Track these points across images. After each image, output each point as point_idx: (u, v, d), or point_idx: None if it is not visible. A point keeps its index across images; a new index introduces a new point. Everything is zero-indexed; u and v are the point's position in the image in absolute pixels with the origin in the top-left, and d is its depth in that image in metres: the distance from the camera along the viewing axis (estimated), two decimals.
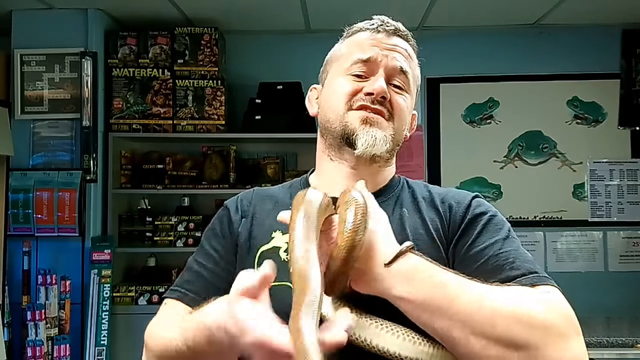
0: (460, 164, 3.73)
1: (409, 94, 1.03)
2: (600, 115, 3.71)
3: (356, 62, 1.00)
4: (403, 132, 1.04)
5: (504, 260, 0.87)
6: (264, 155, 3.60)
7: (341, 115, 0.99)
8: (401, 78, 1.01)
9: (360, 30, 1.06)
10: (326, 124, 1.03)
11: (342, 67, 1.03)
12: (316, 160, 1.09)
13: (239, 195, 1.10)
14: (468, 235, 0.93)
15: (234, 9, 3.33)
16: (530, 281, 0.83)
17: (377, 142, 0.96)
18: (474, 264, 0.88)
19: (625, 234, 3.66)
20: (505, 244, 0.90)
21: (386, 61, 0.99)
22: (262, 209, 1.04)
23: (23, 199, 3.13)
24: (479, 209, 0.97)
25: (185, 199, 3.52)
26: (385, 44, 1.01)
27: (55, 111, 3.25)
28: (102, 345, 3.08)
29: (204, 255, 1.02)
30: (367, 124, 0.97)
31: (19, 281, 3.06)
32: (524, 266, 0.86)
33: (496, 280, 0.83)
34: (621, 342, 2.57)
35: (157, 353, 0.90)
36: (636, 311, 3.38)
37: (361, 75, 1.00)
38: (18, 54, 3.25)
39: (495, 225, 0.94)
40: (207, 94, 3.40)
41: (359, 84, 1.00)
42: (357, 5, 3.21)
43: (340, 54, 1.05)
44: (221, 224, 1.05)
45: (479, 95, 3.75)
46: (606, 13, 3.45)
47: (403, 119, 1.02)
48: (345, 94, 1.00)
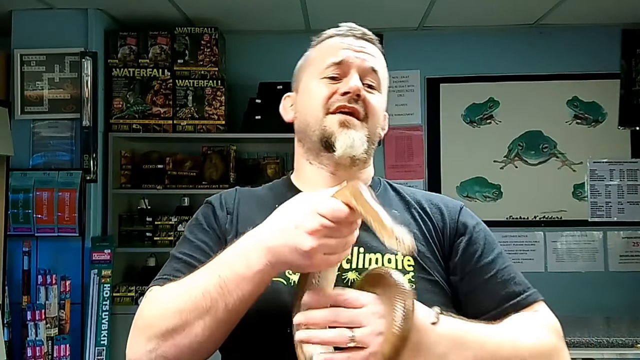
0: (460, 164, 3.73)
1: (381, 93, 1.05)
2: (600, 115, 3.70)
3: (329, 66, 1.03)
4: (377, 130, 1.05)
5: (508, 275, 0.98)
6: (264, 155, 3.60)
7: (320, 119, 1.01)
8: (373, 77, 1.04)
9: (330, 37, 1.08)
10: (305, 129, 1.04)
11: (316, 72, 1.05)
12: (295, 164, 1.11)
13: (221, 193, 1.10)
14: (474, 246, 1.00)
15: (234, 9, 3.33)
16: (532, 298, 0.97)
17: (355, 144, 0.98)
18: (486, 274, 0.98)
19: (625, 234, 3.66)
20: (505, 258, 1.01)
21: (358, 62, 1.02)
22: (246, 207, 1.04)
23: (23, 199, 3.13)
24: (472, 219, 1.04)
25: (185, 199, 3.51)
26: (355, 46, 1.05)
27: (55, 111, 3.25)
28: (102, 345, 3.08)
29: (192, 247, 0.99)
30: (344, 127, 0.99)
31: (19, 281, 3.05)
32: (522, 281, 0.99)
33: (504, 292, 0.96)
34: (621, 342, 2.57)
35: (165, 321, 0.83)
36: (636, 311, 3.38)
37: (335, 77, 1.03)
38: (18, 54, 3.25)
39: (490, 237, 1.03)
40: (207, 94, 3.40)
41: (334, 86, 1.02)
42: (357, 5, 3.21)
43: (313, 60, 1.08)
44: (207, 219, 1.04)
45: (479, 95, 3.75)
46: (606, 13, 3.45)
47: (377, 119, 1.04)
48: (322, 97, 1.02)
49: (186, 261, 0.96)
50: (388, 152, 3.71)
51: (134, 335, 0.87)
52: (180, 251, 1.00)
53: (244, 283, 0.78)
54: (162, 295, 0.88)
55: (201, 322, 0.80)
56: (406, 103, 3.72)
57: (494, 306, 0.94)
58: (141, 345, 0.84)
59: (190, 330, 0.81)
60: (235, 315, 0.81)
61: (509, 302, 0.95)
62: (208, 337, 0.81)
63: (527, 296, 0.96)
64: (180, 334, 0.81)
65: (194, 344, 0.81)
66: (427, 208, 1.03)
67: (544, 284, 1.05)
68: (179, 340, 0.81)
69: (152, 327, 0.84)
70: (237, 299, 0.79)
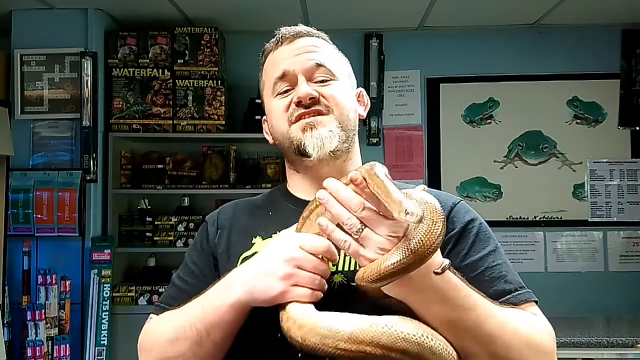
0: (460, 164, 3.73)
1: (337, 79, 1.04)
2: (600, 115, 3.71)
3: (276, 82, 1.04)
4: (349, 115, 1.04)
5: (498, 273, 0.94)
6: (264, 155, 3.60)
7: (286, 132, 1.02)
8: (321, 71, 1.02)
9: (269, 52, 1.09)
10: (281, 146, 1.06)
11: (269, 92, 1.06)
12: (287, 175, 1.13)
13: (219, 208, 1.14)
14: (463, 244, 0.97)
15: (234, 9, 3.33)
16: (523, 297, 0.93)
17: (324, 140, 0.98)
18: (472, 272, 0.93)
19: (625, 234, 3.66)
20: (497, 256, 0.97)
21: (299, 65, 1.02)
22: (240, 218, 1.08)
23: (23, 199, 3.13)
24: (467, 215, 1.01)
25: (185, 199, 3.51)
26: (291, 50, 1.04)
27: (55, 111, 3.25)
28: (102, 345, 3.08)
29: (186, 270, 1.06)
30: (308, 130, 0.99)
31: (19, 281, 3.05)
32: (515, 280, 0.95)
33: (491, 290, 0.91)
34: (621, 342, 2.56)
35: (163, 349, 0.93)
36: (636, 311, 3.38)
37: (287, 91, 1.03)
38: (18, 54, 3.25)
39: (485, 234, 0.99)
40: (207, 94, 3.40)
41: (288, 98, 1.02)
42: (356, 5, 3.21)
43: (264, 81, 1.10)
44: (200, 238, 1.09)
45: (479, 95, 3.75)
46: (606, 13, 3.45)
47: (342, 104, 1.02)
48: (280, 113, 1.03)
49: (180, 287, 1.04)
50: (388, 152, 3.71)
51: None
52: (178, 275, 1.07)
53: (222, 313, 0.87)
54: (158, 326, 0.98)
55: (190, 351, 0.90)
56: (406, 103, 3.73)
57: None
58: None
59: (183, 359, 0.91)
60: (220, 345, 0.90)
61: (497, 300, 0.89)
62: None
63: (518, 294, 0.93)
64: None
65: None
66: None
67: (544, 284, 1.03)
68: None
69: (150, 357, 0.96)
70: (219, 329, 0.88)
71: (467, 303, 0.81)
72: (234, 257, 1.00)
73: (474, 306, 0.82)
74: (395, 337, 0.74)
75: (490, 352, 0.82)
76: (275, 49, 1.07)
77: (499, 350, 0.82)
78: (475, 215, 1.02)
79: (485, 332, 0.82)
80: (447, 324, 0.81)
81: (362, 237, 0.76)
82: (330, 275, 0.93)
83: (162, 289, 3.23)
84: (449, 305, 0.80)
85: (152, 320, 1.02)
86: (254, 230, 1.02)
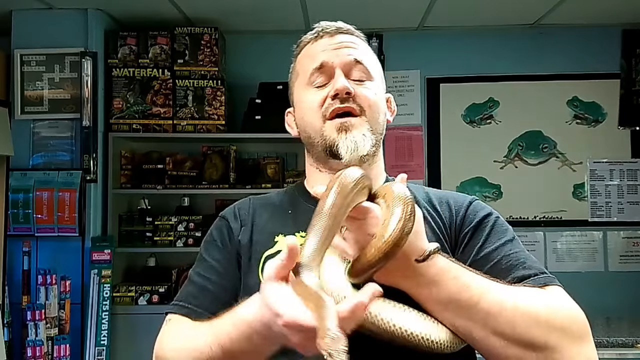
0: (460, 164, 3.73)
1: (372, 81, 1.03)
2: (600, 115, 3.70)
3: (313, 73, 1.02)
4: (379, 119, 1.03)
5: (515, 260, 0.92)
6: (264, 155, 3.60)
7: (319, 128, 1.00)
8: (359, 68, 1.02)
9: (306, 44, 1.08)
10: (309, 141, 1.04)
11: (303, 83, 1.05)
12: (306, 172, 1.11)
13: (234, 204, 1.10)
14: (478, 237, 0.96)
15: (234, 9, 3.33)
16: (542, 281, 0.89)
17: (358, 145, 0.97)
18: (488, 263, 0.92)
19: (625, 234, 3.66)
20: (514, 245, 0.95)
21: (338, 59, 1.01)
22: (261, 215, 1.05)
23: (23, 199, 3.13)
24: (483, 211, 1.01)
25: (185, 199, 3.51)
26: (331, 44, 1.03)
27: (55, 111, 3.25)
28: (102, 345, 3.08)
29: (206, 267, 1.02)
30: (343, 131, 0.98)
31: (19, 281, 3.05)
32: (535, 266, 0.92)
33: (509, 278, 0.88)
34: (621, 342, 2.56)
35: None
36: (636, 311, 3.38)
37: (323, 86, 1.02)
38: (18, 54, 3.25)
39: (501, 227, 0.98)
40: (207, 94, 3.40)
41: (323, 91, 1.01)
42: (357, 5, 3.21)
43: (297, 72, 1.08)
44: (220, 234, 1.05)
45: (479, 95, 3.75)
46: (606, 13, 3.45)
47: (374, 108, 1.02)
48: (315, 106, 1.01)
49: (200, 285, 1.00)
50: (388, 152, 3.71)
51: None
52: (197, 272, 1.02)
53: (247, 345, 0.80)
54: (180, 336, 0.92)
55: None
56: (406, 103, 3.72)
57: None
58: None
59: None
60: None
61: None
62: None
63: (536, 278, 0.89)
64: None
65: None
66: (436, 205, 1.03)
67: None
68: None
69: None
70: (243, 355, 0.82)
71: (457, 284, 0.81)
72: (257, 255, 0.98)
73: (466, 286, 0.81)
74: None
75: (493, 331, 0.80)
76: (314, 42, 1.05)
77: (503, 327, 0.80)
78: (491, 210, 1.02)
79: (482, 309, 0.80)
80: (441, 306, 0.81)
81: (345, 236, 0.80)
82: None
83: (162, 289, 3.23)
84: (438, 288, 0.81)
85: (171, 322, 0.97)
86: (276, 228, 1.01)
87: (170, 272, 3.36)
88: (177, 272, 3.36)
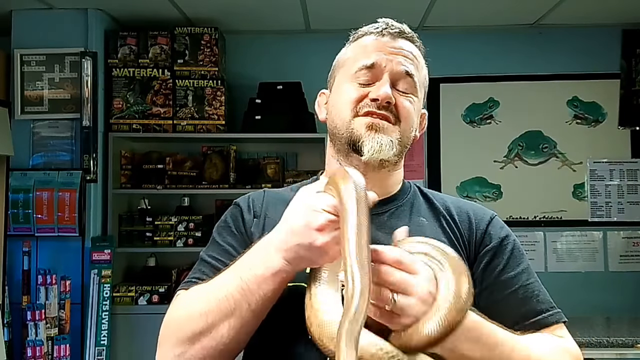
0: (460, 164, 3.73)
1: (416, 96, 1.02)
2: (600, 115, 3.71)
3: (361, 69, 0.99)
4: (411, 133, 1.02)
5: (531, 292, 0.96)
6: (264, 155, 3.60)
7: (347, 121, 0.99)
8: (407, 81, 1.00)
9: (365, 34, 1.05)
10: (334, 130, 1.03)
11: (348, 74, 1.02)
12: (326, 163, 1.09)
13: (249, 194, 1.08)
14: (499, 259, 0.98)
15: (234, 9, 3.33)
16: (555, 319, 0.95)
17: (383, 148, 0.96)
18: (506, 289, 0.95)
19: (625, 234, 3.66)
20: (530, 274, 0.99)
21: (391, 66, 0.98)
22: (274, 210, 1.02)
23: (23, 199, 3.13)
24: (503, 231, 1.02)
25: (185, 199, 3.51)
26: (389, 47, 1.00)
27: (55, 111, 3.25)
28: (102, 345, 3.08)
29: (220, 250, 1.00)
30: (372, 130, 0.96)
31: (19, 281, 3.05)
32: (546, 300, 0.97)
33: (524, 310, 0.94)
34: (621, 342, 2.56)
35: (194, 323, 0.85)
36: (636, 311, 3.38)
37: (367, 84, 0.99)
38: (18, 54, 3.25)
39: (519, 251, 1.01)
40: (207, 94, 3.40)
41: (365, 90, 0.99)
42: (357, 5, 3.21)
43: (346, 59, 1.05)
44: (235, 221, 1.03)
45: (479, 95, 3.75)
46: (606, 13, 3.45)
47: (410, 122, 1.01)
48: (351, 100, 0.99)
49: (214, 265, 0.97)
50: None
51: (162, 342, 0.89)
52: (209, 254, 1.00)
53: (265, 284, 0.81)
54: (188, 300, 0.90)
55: (226, 324, 0.83)
56: None
57: (512, 323, 0.89)
58: (169, 351, 0.87)
59: (216, 332, 0.83)
60: (259, 315, 0.84)
61: (528, 320, 0.93)
62: (233, 338, 0.83)
63: (549, 315, 0.94)
64: (206, 337, 0.84)
65: (219, 346, 0.84)
66: (455, 216, 1.02)
67: (544, 284, 1.02)
68: (206, 343, 0.84)
69: (178, 332, 0.86)
70: (259, 299, 0.81)
71: (492, 341, 0.81)
72: None
73: (500, 342, 0.82)
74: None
75: None
76: (374, 35, 1.03)
77: None
78: (509, 231, 1.03)
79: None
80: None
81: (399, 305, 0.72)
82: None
83: (162, 289, 3.23)
84: (477, 345, 0.80)
85: (179, 296, 0.94)
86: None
87: (170, 272, 3.36)
88: (177, 272, 3.36)
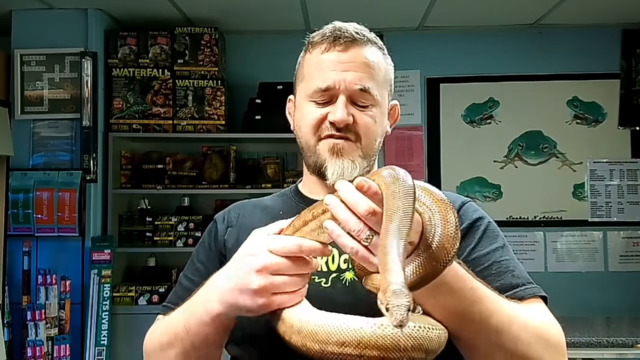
0: (460, 164, 3.73)
1: (376, 105, 1.01)
2: (600, 115, 3.71)
3: (316, 91, 1.00)
4: (375, 145, 1.03)
5: (505, 268, 0.94)
6: (264, 155, 3.60)
7: (312, 146, 1.02)
8: (363, 96, 0.99)
9: (319, 43, 1.02)
10: (303, 151, 1.06)
11: (305, 91, 1.03)
12: (304, 173, 1.11)
13: (229, 207, 1.13)
14: (470, 239, 0.97)
15: (234, 9, 3.33)
16: (531, 291, 0.92)
17: (345, 171, 0.98)
18: (478, 266, 0.93)
19: (625, 234, 3.66)
20: (505, 252, 0.97)
21: (344, 85, 0.98)
22: (251, 216, 1.07)
23: (23, 199, 3.13)
24: (476, 214, 1.02)
25: (185, 199, 3.51)
26: (342, 62, 0.99)
27: (55, 111, 3.25)
28: (102, 345, 3.08)
29: (193, 269, 1.06)
30: (334, 155, 0.99)
31: (19, 281, 3.05)
32: (523, 275, 0.95)
33: (498, 284, 0.91)
34: (621, 342, 2.56)
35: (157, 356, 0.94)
36: (636, 311, 3.38)
37: (324, 103, 1.00)
38: (18, 54, 3.25)
39: (492, 232, 1.00)
40: (207, 94, 3.40)
41: (324, 110, 1.00)
42: (357, 5, 3.21)
43: (304, 74, 1.04)
44: (209, 237, 1.08)
45: (479, 95, 3.75)
46: (606, 13, 3.45)
47: (372, 135, 1.02)
48: (312, 124, 1.01)
49: (187, 287, 1.03)
50: (388, 152, 3.71)
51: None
52: (185, 274, 1.07)
53: (206, 327, 0.85)
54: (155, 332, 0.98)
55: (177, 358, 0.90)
56: (406, 103, 3.72)
57: None
58: None
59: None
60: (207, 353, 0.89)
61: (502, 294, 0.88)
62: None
63: (525, 288, 0.92)
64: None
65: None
66: None
67: (544, 284, 1.01)
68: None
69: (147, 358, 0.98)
70: (202, 340, 0.86)
71: (473, 295, 0.80)
72: None
73: (481, 298, 0.80)
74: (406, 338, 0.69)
75: (497, 345, 0.81)
76: (325, 51, 1.01)
77: (507, 342, 0.81)
78: (484, 214, 1.03)
79: (493, 324, 0.80)
80: (452, 316, 0.79)
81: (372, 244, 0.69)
82: (341, 272, 0.95)
83: (162, 289, 3.23)
84: (455, 297, 0.78)
85: (158, 321, 1.01)
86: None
87: (170, 272, 3.36)
88: (177, 272, 3.36)
